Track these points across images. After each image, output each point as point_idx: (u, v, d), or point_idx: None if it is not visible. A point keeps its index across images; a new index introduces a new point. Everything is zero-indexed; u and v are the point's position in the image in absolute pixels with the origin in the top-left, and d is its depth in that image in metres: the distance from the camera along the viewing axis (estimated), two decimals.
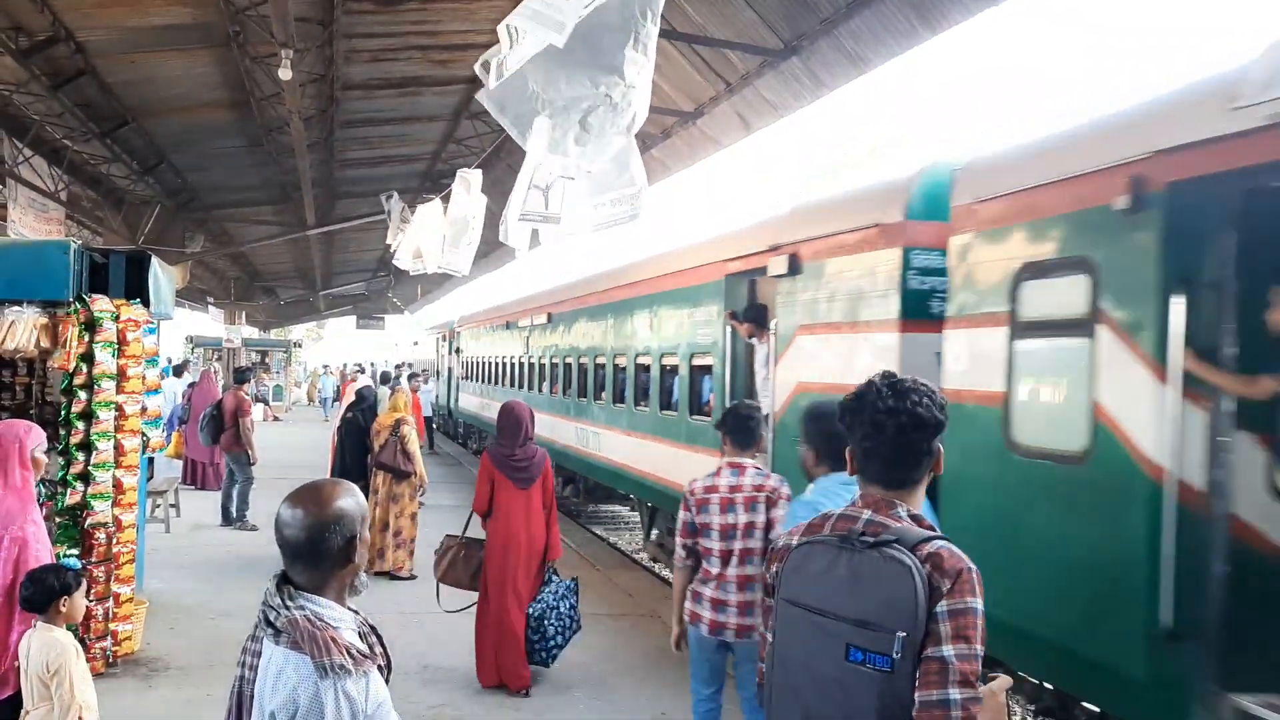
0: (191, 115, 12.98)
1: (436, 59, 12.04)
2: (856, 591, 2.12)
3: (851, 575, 2.14)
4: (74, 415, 6.27)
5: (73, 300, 6.29)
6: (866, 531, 2.17)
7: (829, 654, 2.13)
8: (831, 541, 2.21)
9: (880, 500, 2.25)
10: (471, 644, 6.54)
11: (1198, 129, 4.06)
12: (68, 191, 15.05)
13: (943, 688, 2.00)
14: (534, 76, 4.19)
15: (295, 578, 2.22)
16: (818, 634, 2.16)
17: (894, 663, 2.03)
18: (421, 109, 14.20)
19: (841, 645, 2.11)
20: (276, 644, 2.13)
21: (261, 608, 2.20)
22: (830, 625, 2.13)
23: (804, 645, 2.20)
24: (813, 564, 2.23)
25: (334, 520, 2.21)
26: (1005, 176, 5.29)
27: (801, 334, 7.27)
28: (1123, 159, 4.38)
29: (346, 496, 2.27)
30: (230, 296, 31.74)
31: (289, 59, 8.81)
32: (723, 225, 10.51)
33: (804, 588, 2.22)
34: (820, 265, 7.11)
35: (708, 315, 9.41)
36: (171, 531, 11.47)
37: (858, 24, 8.75)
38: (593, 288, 13.60)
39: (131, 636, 6.69)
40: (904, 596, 2.05)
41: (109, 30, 9.79)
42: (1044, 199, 4.89)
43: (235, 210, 19.98)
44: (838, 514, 2.30)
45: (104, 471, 6.34)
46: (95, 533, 6.30)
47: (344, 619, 2.20)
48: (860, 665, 2.07)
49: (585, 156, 4.28)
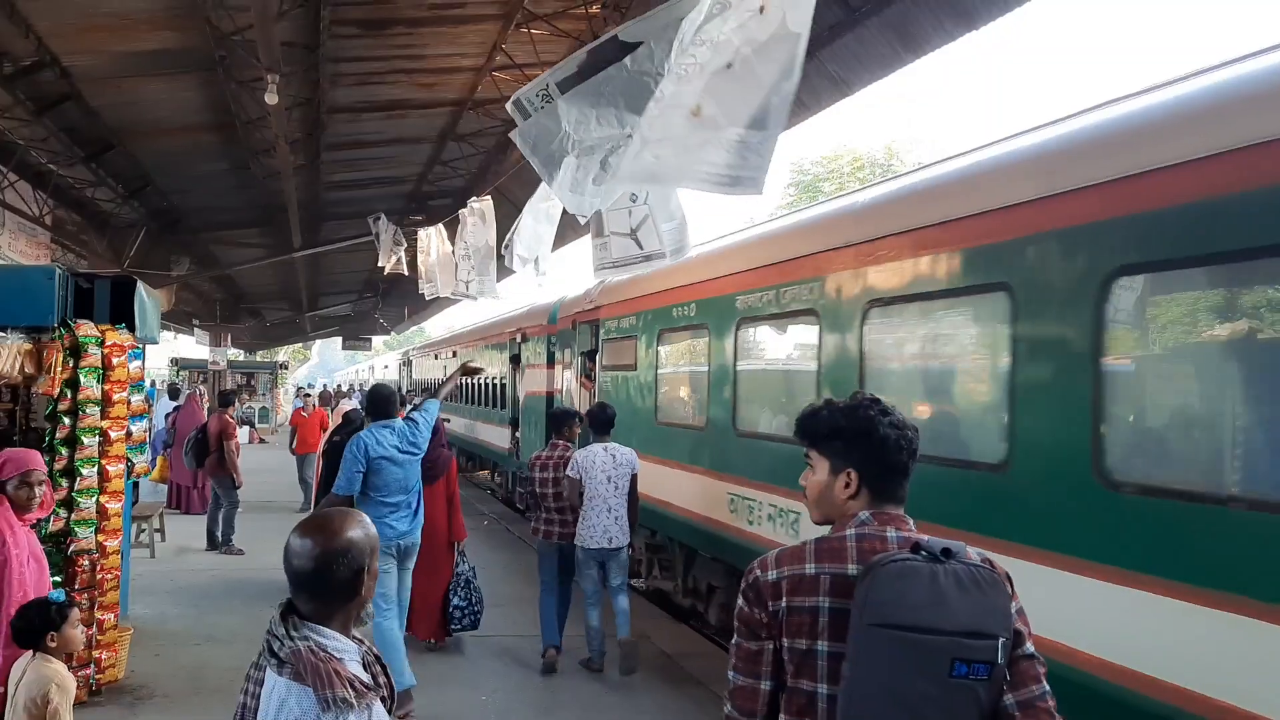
0: (177, 139, 12.99)
1: (422, 82, 12.11)
2: (965, 603, 2.11)
3: (957, 588, 2.12)
4: (58, 441, 6.24)
5: (57, 325, 6.28)
6: (926, 546, 2.16)
7: (927, 673, 2.08)
8: (920, 560, 2.15)
9: (895, 517, 2.29)
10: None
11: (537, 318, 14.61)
12: (52, 215, 15.01)
13: (1040, 682, 2.16)
14: (567, 116, 4.37)
15: (301, 607, 2.21)
16: (914, 654, 2.08)
17: (993, 669, 2.09)
18: (407, 131, 14.26)
19: (946, 662, 2.07)
20: (279, 674, 2.12)
21: (266, 636, 2.19)
22: (932, 643, 2.08)
23: (898, 670, 2.10)
24: (909, 584, 2.13)
25: (342, 552, 2.20)
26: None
27: (528, 369, 15.48)
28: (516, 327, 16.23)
29: (356, 528, 2.26)
30: (216, 319, 31.61)
31: (275, 84, 8.83)
32: (509, 310, 18.35)
33: (902, 609, 2.11)
34: (534, 338, 15.02)
35: (501, 356, 17.54)
36: (156, 556, 11.39)
37: (840, 47, 8.85)
38: (471, 334, 22.99)
39: (115, 664, 6.63)
40: (1003, 603, 2.15)
41: (94, 55, 9.82)
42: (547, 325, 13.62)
43: (221, 233, 19.96)
44: (896, 535, 2.25)
45: (88, 498, 6.30)
46: (79, 560, 6.25)
47: (348, 650, 2.20)
48: (965, 679, 2.07)
49: (599, 195, 4.45)
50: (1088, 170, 4.41)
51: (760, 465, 7.19)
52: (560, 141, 4.45)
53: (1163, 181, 4.02)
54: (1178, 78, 4.45)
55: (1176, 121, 4.18)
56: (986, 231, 4.99)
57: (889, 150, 35.56)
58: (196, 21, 9.07)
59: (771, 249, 7.35)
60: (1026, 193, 4.73)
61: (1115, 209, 4.20)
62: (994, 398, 5.09)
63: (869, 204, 6.32)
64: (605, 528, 7.12)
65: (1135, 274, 4.22)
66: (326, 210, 18.30)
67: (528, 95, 4.58)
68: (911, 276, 5.54)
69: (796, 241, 7.01)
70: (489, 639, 8.01)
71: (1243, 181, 3.68)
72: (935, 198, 5.54)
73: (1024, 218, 4.73)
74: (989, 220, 4.98)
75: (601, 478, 7.14)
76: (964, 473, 5.06)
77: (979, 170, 5.37)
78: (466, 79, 12.10)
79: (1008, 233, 4.84)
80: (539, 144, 4.52)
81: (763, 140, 3.97)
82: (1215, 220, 3.79)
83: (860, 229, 6.13)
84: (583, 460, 7.19)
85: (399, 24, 10.11)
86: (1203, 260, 3.92)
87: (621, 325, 10.37)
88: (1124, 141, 4.37)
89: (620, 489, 7.15)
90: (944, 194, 5.50)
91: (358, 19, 9.83)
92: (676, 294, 8.82)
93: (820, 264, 6.46)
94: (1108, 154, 4.38)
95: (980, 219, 5.04)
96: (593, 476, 7.14)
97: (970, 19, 7.75)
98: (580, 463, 7.19)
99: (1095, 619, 4.20)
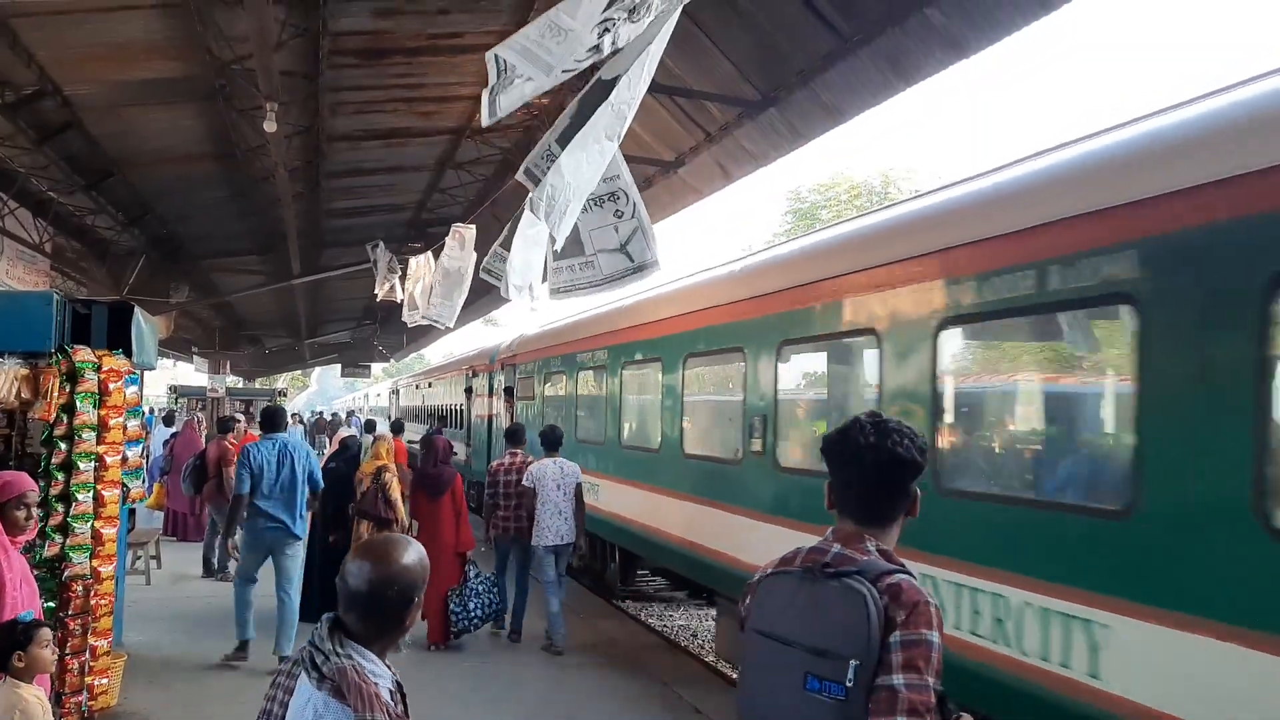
0: (177, 167, 13.07)
1: (421, 110, 12.20)
2: (814, 620, 2.17)
3: (811, 604, 2.19)
4: (54, 467, 6.26)
5: (54, 351, 6.31)
6: (833, 563, 2.23)
7: (788, 683, 2.17)
8: (796, 573, 2.28)
9: (852, 534, 2.30)
10: None
11: (484, 358, 19.82)
12: (52, 243, 15.07)
13: (891, 715, 2.04)
14: (569, 168, 4.76)
15: (349, 626, 2.24)
16: (779, 662, 2.20)
17: (848, 691, 2.07)
18: (407, 159, 14.34)
19: (800, 674, 2.14)
20: (318, 688, 2.14)
21: (308, 648, 2.21)
22: (789, 654, 2.18)
23: (767, 675, 2.24)
24: (777, 594, 2.29)
25: (398, 579, 2.25)
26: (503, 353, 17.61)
27: (476, 398, 19.96)
28: (469, 365, 21.65)
29: (414, 558, 2.31)
30: (215, 346, 31.61)
31: (274, 112, 8.90)
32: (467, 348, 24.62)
33: (768, 617, 2.28)
34: (481, 374, 19.02)
35: (458, 388, 22.53)
36: (152, 583, 11.37)
37: (832, 76, 8.93)
38: (437, 369, 29.91)
39: (108, 690, 6.61)
40: (858, 624, 2.10)
41: (96, 85, 9.90)
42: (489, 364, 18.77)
43: (220, 260, 20.01)
44: (810, 547, 2.35)
45: (83, 523, 6.31)
46: (73, 585, 6.25)
47: (383, 677, 2.23)
48: (817, 694, 2.11)
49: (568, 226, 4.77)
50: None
51: (608, 462, 11.17)
52: (566, 195, 4.60)
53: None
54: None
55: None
56: (844, 288, 6.42)
57: (885, 178, 35.74)
58: (197, 51, 9.16)
59: (596, 325, 12.29)
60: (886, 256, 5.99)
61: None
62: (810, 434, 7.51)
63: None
64: (556, 527, 8.80)
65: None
66: (326, 237, 18.37)
67: (535, 161, 4.74)
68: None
69: (595, 324, 12.42)
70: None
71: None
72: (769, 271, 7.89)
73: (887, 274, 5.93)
74: (849, 280, 6.36)
75: (552, 485, 8.84)
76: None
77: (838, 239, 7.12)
78: (465, 107, 12.20)
79: (872, 288, 6.03)
80: (551, 205, 4.63)
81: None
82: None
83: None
84: (536, 472, 8.94)
85: (398, 53, 10.20)
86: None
87: (526, 369, 15.91)
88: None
89: (567, 494, 8.90)
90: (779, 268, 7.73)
91: (357, 49, 9.92)
92: (551, 350, 14.43)
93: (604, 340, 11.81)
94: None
95: (833, 280, 6.57)
96: (544, 485, 8.84)
97: (961, 48, 7.82)
98: (534, 474, 8.93)
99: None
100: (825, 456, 2.40)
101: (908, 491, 2.34)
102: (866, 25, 8.15)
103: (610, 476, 11.07)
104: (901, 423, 2.36)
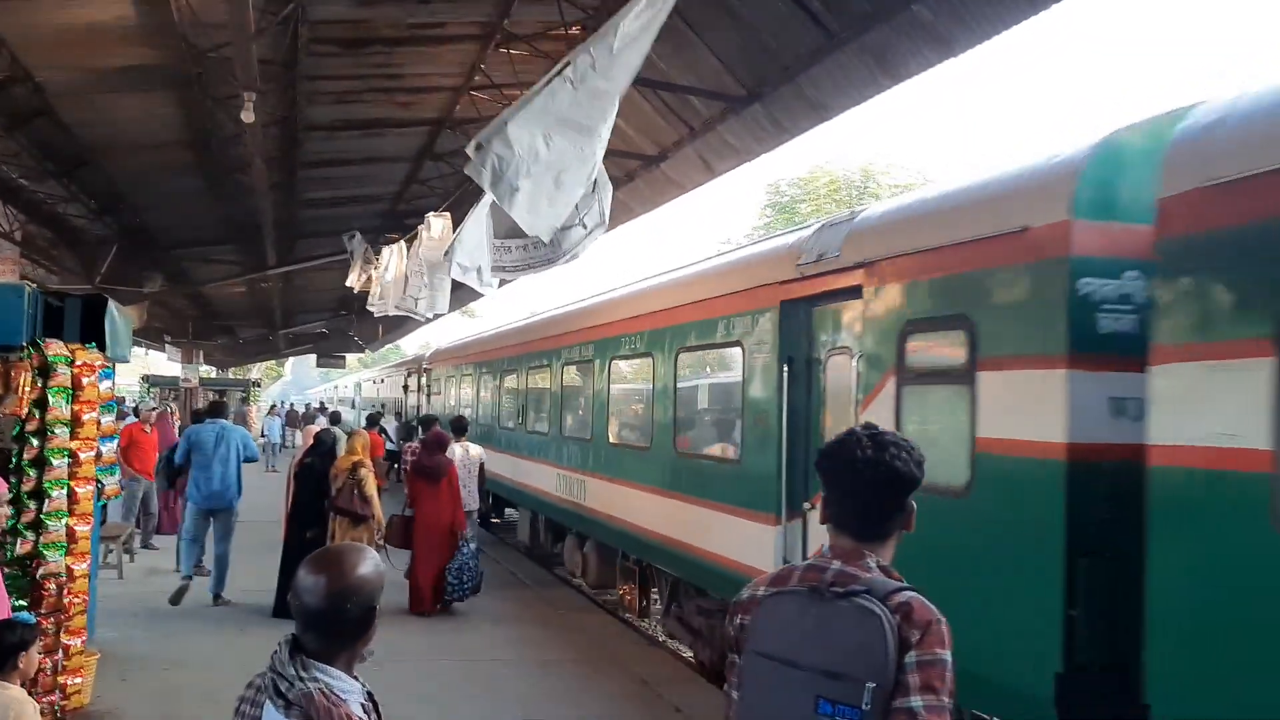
0: (151, 155, 12.85)
1: (400, 101, 12.06)
2: (826, 641, 2.10)
3: (820, 625, 2.12)
4: (26, 463, 6.12)
5: (26, 345, 6.17)
6: (836, 582, 2.16)
7: (797, 707, 2.10)
8: (801, 591, 2.20)
9: (850, 551, 2.24)
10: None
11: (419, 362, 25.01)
12: (23, 231, 14.81)
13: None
14: (519, 141, 4.81)
15: (308, 645, 2.15)
16: (786, 686, 2.13)
17: (864, 715, 2.01)
18: (385, 150, 14.19)
19: (811, 697, 2.07)
20: (285, 716, 2.07)
21: (270, 675, 2.13)
22: (799, 676, 2.10)
23: (772, 699, 2.17)
24: (781, 614, 2.21)
25: (355, 590, 2.15)
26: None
27: (411, 393, 26.38)
28: (410, 367, 27.35)
29: (369, 565, 2.22)
30: (188, 335, 31.27)
31: (251, 102, 8.75)
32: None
33: (771, 638, 2.20)
34: (414, 374, 25.60)
35: (400, 383, 27.73)
36: (125, 578, 11.21)
37: (818, 72, 8.90)
38: (389, 367, 32.94)
39: (81, 690, 6.49)
40: (874, 646, 2.04)
41: (69, 71, 9.71)
42: (422, 368, 25.10)
43: (194, 250, 19.74)
44: (806, 564, 2.29)
45: (57, 520, 6.18)
46: (46, 583, 6.12)
47: (352, 691, 2.16)
48: (830, 718, 2.05)
49: (554, 215, 4.75)
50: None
51: (517, 445, 14.67)
52: (515, 167, 4.60)
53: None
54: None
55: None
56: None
57: (865, 172, 35.75)
58: (172, 38, 8.99)
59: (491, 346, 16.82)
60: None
61: None
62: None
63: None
64: (463, 499, 10.65)
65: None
66: (302, 228, 18.16)
67: (486, 136, 4.71)
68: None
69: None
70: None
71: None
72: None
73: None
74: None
75: (459, 464, 10.84)
76: None
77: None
78: (445, 98, 12.08)
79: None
80: (496, 175, 4.67)
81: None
82: None
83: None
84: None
85: (377, 43, 10.07)
86: None
87: (436, 374, 22.28)
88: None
89: (471, 472, 11.54)
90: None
91: (336, 38, 9.78)
92: (453, 361, 19.90)
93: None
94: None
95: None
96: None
97: (948, 46, 7.80)
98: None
99: None
100: (820, 470, 2.33)
101: (904, 507, 2.27)
102: (854, 21, 8.11)
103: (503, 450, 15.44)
104: (899, 436, 2.29)
